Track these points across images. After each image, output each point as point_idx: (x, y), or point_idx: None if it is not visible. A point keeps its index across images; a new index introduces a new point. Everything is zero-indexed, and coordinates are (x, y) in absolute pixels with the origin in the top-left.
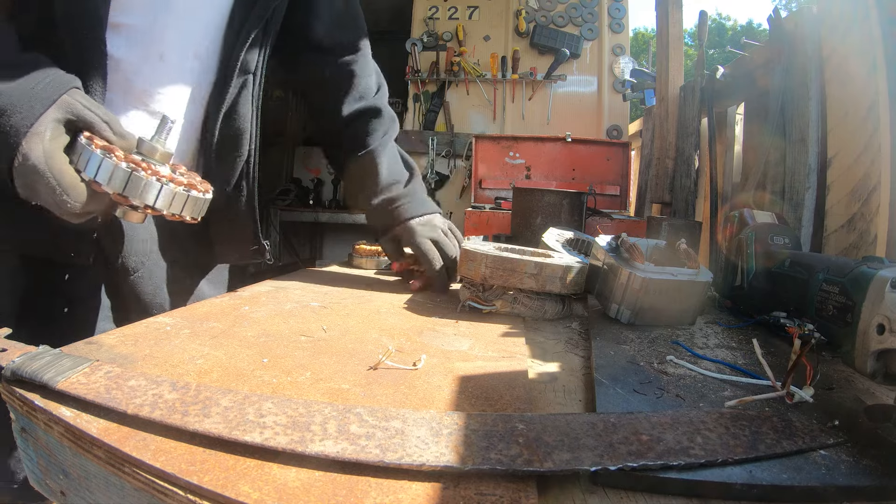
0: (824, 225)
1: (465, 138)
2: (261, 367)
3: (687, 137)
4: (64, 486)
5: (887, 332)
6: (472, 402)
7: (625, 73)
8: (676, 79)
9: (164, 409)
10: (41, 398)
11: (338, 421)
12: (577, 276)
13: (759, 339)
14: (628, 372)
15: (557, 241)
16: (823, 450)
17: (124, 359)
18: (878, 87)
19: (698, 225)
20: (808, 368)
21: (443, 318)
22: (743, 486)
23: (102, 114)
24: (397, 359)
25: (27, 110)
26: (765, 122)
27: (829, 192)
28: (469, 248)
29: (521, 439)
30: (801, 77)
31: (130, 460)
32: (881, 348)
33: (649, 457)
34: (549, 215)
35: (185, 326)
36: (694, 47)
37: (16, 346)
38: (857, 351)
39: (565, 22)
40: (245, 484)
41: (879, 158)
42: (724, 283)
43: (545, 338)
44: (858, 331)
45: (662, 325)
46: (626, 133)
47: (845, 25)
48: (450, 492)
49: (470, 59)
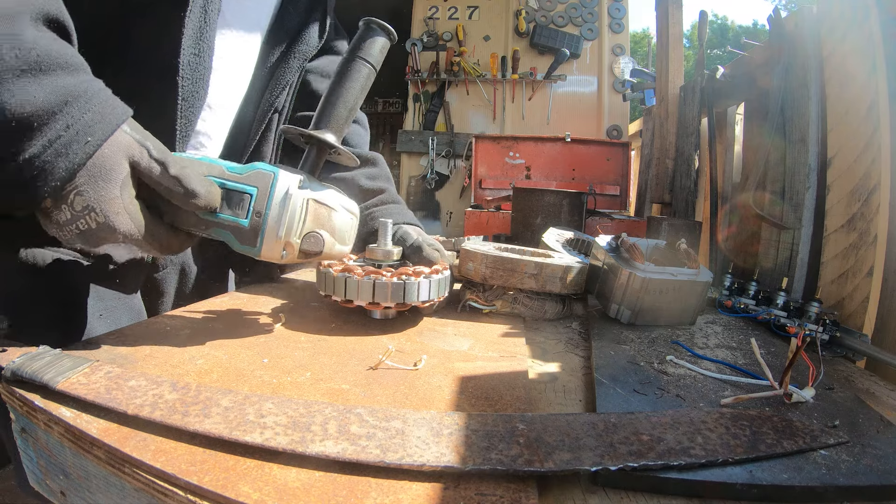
0: (824, 225)
1: (465, 138)
2: (261, 367)
3: (687, 137)
4: (64, 486)
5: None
6: (473, 403)
7: (625, 73)
8: (676, 79)
9: (165, 409)
10: (41, 398)
11: (338, 421)
12: (577, 276)
13: (758, 339)
14: (628, 372)
15: (557, 241)
16: (823, 450)
17: (124, 359)
18: (878, 87)
19: (698, 225)
20: (811, 369)
21: (443, 318)
22: (743, 486)
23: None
24: (397, 359)
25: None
26: (765, 122)
27: (829, 192)
28: (469, 248)
29: (522, 439)
30: (801, 77)
31: (130, 460)
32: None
33: (650, 457)
34: (549, 215)
35: (185, 326)
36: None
37: (16, 347)
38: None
39: (565, 22)
40: (245, 484)
41: (879, 158)
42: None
43: (545, 338)
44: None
45: (662, 325)
46: (626, 133)
47: (845, 25)
48: (450, 492)
49: (470, 59)
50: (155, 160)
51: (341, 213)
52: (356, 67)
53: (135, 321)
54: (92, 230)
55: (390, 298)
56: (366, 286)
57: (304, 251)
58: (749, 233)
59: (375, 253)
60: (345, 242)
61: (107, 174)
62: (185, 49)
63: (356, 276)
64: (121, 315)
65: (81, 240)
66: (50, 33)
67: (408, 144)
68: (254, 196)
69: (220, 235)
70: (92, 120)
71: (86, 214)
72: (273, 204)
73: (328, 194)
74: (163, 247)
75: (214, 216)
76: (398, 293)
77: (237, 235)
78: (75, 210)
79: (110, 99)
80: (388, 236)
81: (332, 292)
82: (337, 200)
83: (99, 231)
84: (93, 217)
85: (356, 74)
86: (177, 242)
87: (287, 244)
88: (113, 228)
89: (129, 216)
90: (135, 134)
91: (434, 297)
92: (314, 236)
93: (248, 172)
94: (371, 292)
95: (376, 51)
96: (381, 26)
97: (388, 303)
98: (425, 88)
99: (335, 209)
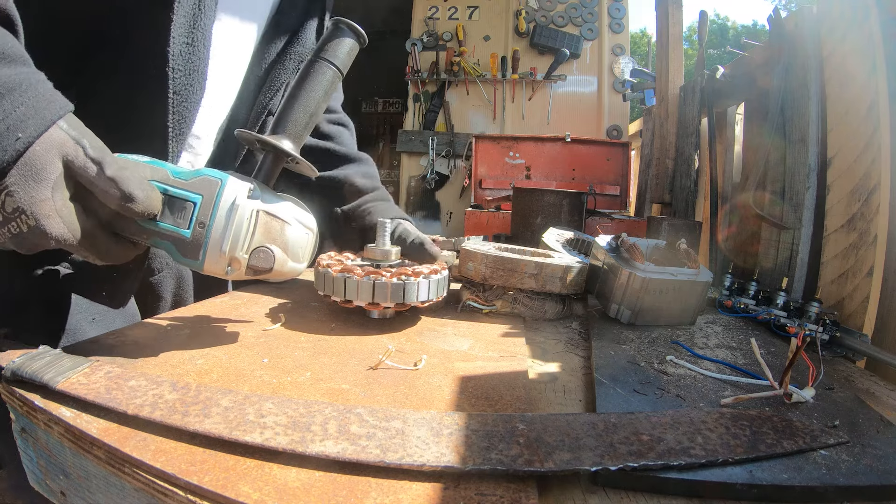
0: (824, 225)
1: (465, 138)
2: (261, 367)
3: (687, 137)
4: (64, 486)
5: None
6: (473, 403)
7: (625, 73)
8: (676, 79)
9: (165, 409)
10: (41, 398)
11: (338, 421)
12: (577, 276)
13: (758, 339)
14: (628, 372)
15: (557, 241)
16: (823, 450)
17: (124, 359)
18: (878, 87)
19: (698, 225)
20: (811, 369)
21: (443, 318)
22: (743, 486)
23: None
24: (397, 359)
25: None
26: (765, 122)
27: (829, 192)
28: (469, 248)
29: (522, 439)
30: (801, 77)
31: (130, 460)
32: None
33: (650, 457)
34: (549, 215)
35: (185, 326)
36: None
37: (16, 347)
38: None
39: (565, 22)
40: (245, 484)
41: (879, 158)
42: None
43: (545, 338)
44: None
45: (662, 325)
46: (626, 133)
47: (845, 25)
48: (450, 492)
49: (470, 59)
50: (91, 159)
51: (295, 227)
52: (320, 70)
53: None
54: (24, 234)
55: (390, 298)
56: (365, 286)
57: (252, 267)
58: (749, 233)
59: (374, 253)
60: (298, 259)
61: (37, 174)
62: (176, 38)
63: (356, 276)
64: (114, 319)
65: (15, 243)
66: None
67: (408, 144)
68: (198, 205)
69: (161, 246)
70: (24, 115)
71: (16, 217)
72: (218, 215)
73: (282, 206)
74: (102, 254)
75: (154, 224)
76: (398, 293)
77: (178, 247)
78: (6, 212)
79: (48, 92)
80: (387, 236)
81: (331, 293)
82: (291, 214)
83: (31, 235)
84: (23, 220)
85: (319, 77)
86: (118, 250)
87: (233, 259)
88: (45, 233)
89: (62, 219)
90: (71, 131)
91: (433, 298)
92: (263, 251)
93: (194, 179)
94: (371, 293)
95: (343, 53)
96: (351, 27)
97: (388, 303)
98: (425, 88)
99: (288, 223)
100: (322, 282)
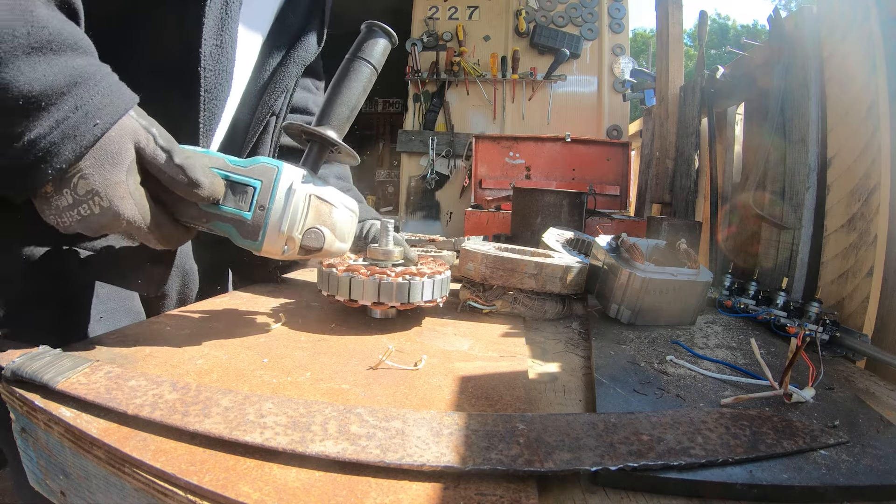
0: (824, 225)
1: (465, 138)
2: (261, 367)
3: (687, 137)
4: (64, 486)
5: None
6: (473, 403)
7: (625, 73)
8: (676, 79)
9: (165, 409)
10: (41, 398)
11: (338, 421)
12: (577, 276)
13: (758, 339)
14: (628, 372)
15: (557, 241)
16: (823, 450)
17: (124, 359)
18: (878, 87)
19: (698, 225)
20: (811, 369)
21: (443, 318)
22: (743, 486)
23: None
24: (397, 359)
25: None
26: (765, 122)
27: (829, 192)
28: (469, 248)
29: (522, 439)
30: (801, 77)
31: (130, 460)
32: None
33: (650, 457)
34: (549, 215)
35: (185, 326)
36: (694, 48)
37: (16, 347)
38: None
39: (565, 22)
40: (245, 484)
41: (879, 158)
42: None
43: (545, 338)
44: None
45: (662, 325)
46: (626, 133)
47: (845, 25)
48: (450, 492)
49: (470, 59)
50: (160, 147)
51: (342, 210)
52: (358, 67)
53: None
54: (94, 215)
55: (395, 298)
56: (370, 286)
57: (305, 247)
58: (749, 233)
59: (376, 253)
60: (344, 240)
61: (113, 158)
62: (207, 40)
63: (361, 275)
64: (121, 317)
65: (82, 226)
66: (60, 14)
67: (408, 144)
68: (257, 189)
69: (222, 229)
70: (101, 103)
71: (89, 199)
72: (277, 198)
73: (329, 191)
74: (163, 238)
75: (217, 208)
76: (402, 293)
77: (239, 229)
78: (78, 194)
79: (118, 83)
80: (390, 236)
81: (335, 292)
82: (338, 197)
83: (101, 217)
84: (96, 202)
85: (358, 74)
86: (178, 234)
87: (289, 239)
88: (117, 213)
89: (135, 202)
90: (141, 120)
91: (437, 297)
92: (315, 232)
93: (252, 166)
94: (376, 292)
95: (378, 52)
96: (383, 29)
97: (393, 302)
98: (425, 88)
99: (336, 206)
100: (326, 281)
